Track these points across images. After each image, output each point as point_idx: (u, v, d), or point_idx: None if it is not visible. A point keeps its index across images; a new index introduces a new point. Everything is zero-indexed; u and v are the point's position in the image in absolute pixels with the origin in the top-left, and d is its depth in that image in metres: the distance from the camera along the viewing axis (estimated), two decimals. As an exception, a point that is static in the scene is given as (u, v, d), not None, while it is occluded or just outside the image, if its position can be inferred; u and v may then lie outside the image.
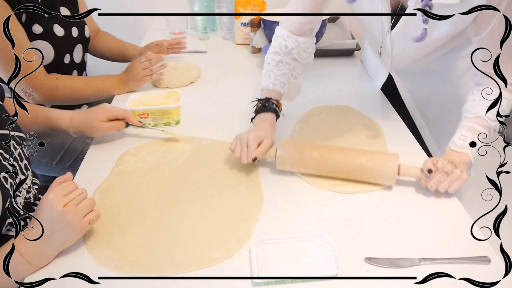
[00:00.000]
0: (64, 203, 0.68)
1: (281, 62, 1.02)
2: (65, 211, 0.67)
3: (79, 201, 0.70)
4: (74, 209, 0.68)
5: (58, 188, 0.70)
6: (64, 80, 1.19)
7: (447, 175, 0.81)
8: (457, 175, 0.81)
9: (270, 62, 1.02)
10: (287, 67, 1.02)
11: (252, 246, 0.72)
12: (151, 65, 1.27)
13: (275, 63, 1.02)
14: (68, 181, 0.72)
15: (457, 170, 0.81)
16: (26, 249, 0.66)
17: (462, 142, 0.86)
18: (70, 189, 0.70)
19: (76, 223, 0.68)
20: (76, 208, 0.69)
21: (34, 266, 0.67)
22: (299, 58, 1.03)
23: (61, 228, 0.68)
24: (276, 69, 1.01)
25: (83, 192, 0.72)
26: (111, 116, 0.99)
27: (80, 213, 0.69)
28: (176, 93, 1.16)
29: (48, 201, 0.68)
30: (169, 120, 1.12)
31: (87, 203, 0.71)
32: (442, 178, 0.81)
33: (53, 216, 0.67)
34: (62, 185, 0.70)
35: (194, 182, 0.90)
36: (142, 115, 1.09)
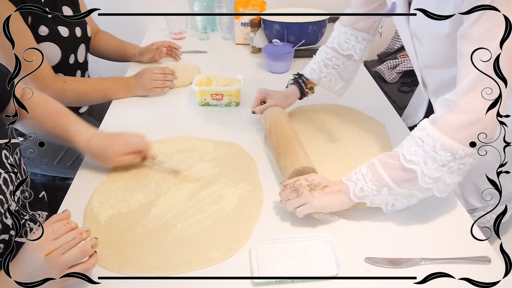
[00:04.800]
0: (48, 251, 0.59)
1: (321, 52, 1.08)
2: (47, 261, 0.59)
3: (67, 248, 0.61)
4: (56, 261, 0.60)
5: (47, 230, 0.61)
6: (71, 83, 1.19)
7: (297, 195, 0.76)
8: (306, 199, 0.74)
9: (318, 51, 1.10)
10: (323, 56, 1.07)
11: (252, 246, 0.72)
12: (164, 79, 1.26)
13: (318, 52, 1.09)
14: (63, 221, 0.63)
15: (307, 194, 0.74)
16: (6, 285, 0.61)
17: (352, 175, 0.76)
18: (61, 232, 0.61)
19: (56, 277, 0.60)
20: (60, 259, 0.60)
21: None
22: (339, 48, 1.04)
23: (39, 277, 0.60)
24: (314, 57, 1.10)
25: (75, 237, 0.62)
26: (130, 150, 0.92)
27: (63, 265, 0.60)
28: (236, 79, 1.25)
29: (33, 245, 0.60)
30: (230, 100, 1.21)
31: (74, 254, 0.61)
32: (291, 195, 0.77)
33: (33, 264, 0.60)
34: (54, 226, 0.62)
35: (194, 182, 0.90)
36: (216, 95, 1.17)
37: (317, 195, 0.75)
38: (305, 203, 0.75)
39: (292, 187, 0.78)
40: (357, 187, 0.74)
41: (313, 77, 1.08)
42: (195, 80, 1.23)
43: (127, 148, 0.91)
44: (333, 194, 0.76)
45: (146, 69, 1.26)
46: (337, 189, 0.76)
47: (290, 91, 1.11)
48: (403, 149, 0.71)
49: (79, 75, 1.32)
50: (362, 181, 0.74)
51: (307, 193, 0.75)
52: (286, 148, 0.90)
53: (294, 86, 1.11)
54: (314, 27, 1.51)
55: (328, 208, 0.76)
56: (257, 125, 1.12)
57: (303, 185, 0.76)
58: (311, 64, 1.09)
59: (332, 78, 1.08)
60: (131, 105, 1.23)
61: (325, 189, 0.76)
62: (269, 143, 0.98)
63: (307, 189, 0.75)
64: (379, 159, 0.74)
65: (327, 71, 1.06)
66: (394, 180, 0.71)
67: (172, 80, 1.29)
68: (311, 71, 1.08)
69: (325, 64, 1.07)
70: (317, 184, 0.76)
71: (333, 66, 1.06)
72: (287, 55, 1.43)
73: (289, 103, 1.10)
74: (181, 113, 1.20)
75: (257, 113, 1.07)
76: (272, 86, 1.35)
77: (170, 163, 0.95)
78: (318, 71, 1.07)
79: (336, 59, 1.05)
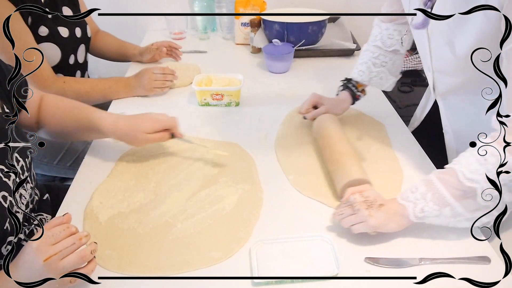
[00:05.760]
0: (47, 256, 0.59)
1: (366, 51, 1.07)
2: (45, 266, 0.59)
3: (66, 254, 0.60)
4: (55, 266, 0.59)
5: (47, 234, 0.61)
6: (72, 83, 1.19)
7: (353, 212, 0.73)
8: (363, 217, 0.71)
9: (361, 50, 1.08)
10: (370, 55, 1.05)
11: (252, 246, 0.72)
12: (164, 79, 1.26)
13: (362, 51, 1.07)
14: (63, 225, 0.63)
15: (365, 211, 0.71)
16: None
17: (408, 195, 0.73)
18: (61, 237, 0.61)
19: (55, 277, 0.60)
20: (58, 265, 0.59)
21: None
22: (383, 46, 1.03)
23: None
24: (360, 58, 1.08)
25: (75, 242, 0.61)
26: (159, 128, 0.91)
27: (61, 271, 0.60)
28: (236, 79, 1.25)
29: (32, 249, 0.60)
30: (230, 100, 1.20)
31: (73, 260, 0.61)
32: (346, 211, 0.74)
33: (32, 268, 0.59)
34: (54, 230, 0.61)
35: (194, 182, 0.90)
36: (216, 95, 1.17)
37: (374, 213, 0.71)
38: (361, 221, 0.72)
39: (347, 202, 0.75)
40: (417, 207, 0.70)
41: (363, 78, 1.07)
42: (195, 80, 1.23)
43: (156, 126, 0.91)
44: (390, 215, 0.72)
45: (146, 69, 1.26)
46: (394, 210, 0.72)
47: (342, 98, 1.09)
48: (461, 166, 0.68)
49: (79, 75, 1.32)
50: (422, 201, 0.70)
51: (364, 210, 0.72)
52: (340, 158, 0.88)
53: (345, 92, 1.09)
54: (314, 27, 1.51)
55: (386, 228, 0.72)
56: (257, 125, 1.12)
57: (358, 201, 0.73)
58: (359, 66, 1.08)
59: (383, 76, 1.07)
60: (131, 105, 1.23)
61: (382, 208, 0.72)
62: (324, 150, 0.95)
63: (364, 206, 0.72)
64: (437, 177, 0.71)
65: (377, 70, 1.05)
66: (456, 199, 0.68)
67: (172, 80, 1.29)
68: (360, 73, 1.07)
69: (373, 63, 1.05)
70: (373, 201, 0.74)
71: (382, 64, 1.05)
72: (287, 55, 1.43)
73: (343, 109, 1.08)
74: (181, 113, 1.19)
75: (309, 118, 1.05)
76: (272, 86, 1.36)
77: (197, 142, 0.97)
78: (368, 71, 1.06)
79: (383, 57, 1.04)
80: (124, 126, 0.90)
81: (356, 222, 0.72)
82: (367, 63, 1.06)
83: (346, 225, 0.74)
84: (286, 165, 0.96)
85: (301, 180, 0.91)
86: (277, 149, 1.02)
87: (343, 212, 0.74)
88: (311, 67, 1.49)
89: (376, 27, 1.05)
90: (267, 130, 1.09)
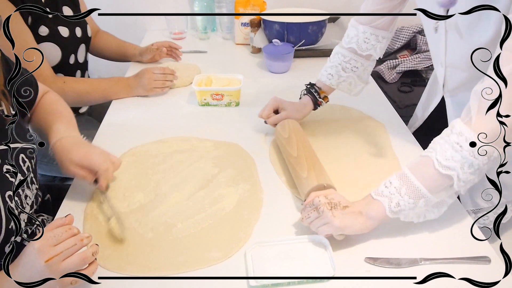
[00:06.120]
0: (49, 257, 0.59)
1: (337, 54, 1.03)
2: (46, 267, 0.59)
3: (67, 255, 0.60)
4: (56, 267, 0.59)
5: (49, 235, 0.61)
6: (72, 83, 1.19)
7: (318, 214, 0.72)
8: (327, 218, 0.70)
9: (332, 53, 1.05)
10: (341, 59, 1.02)
11: (247, 249, 0.72)
12: (164, 79, 1.26)
13: (333, 54, 1.04)
14: (65, 226, 0.63)
15: (328, 212, 0.70)
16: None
17: (382, 189, 0.72)
18: (63, 238, 0.61)
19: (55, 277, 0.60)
20: (60, 266, 0.60)
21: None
22: (358, 49, 0.99)
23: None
24: (329, 61, 1.05)
25: (76, 243, 0.61)
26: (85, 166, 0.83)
27: (62, 272, 0.60)
28: (236, 79, 1.25)
29: (34, 250, 0.60)
30: (230, 100, 1.20)
31: (74, 262, 0.61)
32: (312, 214, 0.73)
33: (33, 269, 0.60)
34: (55, 232, 0.62)
35: (194, 182, 0.90)
36: (216, 95, 1.17)
37: (338, 215, 0.71)
38: (326, 223, 0.71)
39: (312, 205, 0.75)
40: (392, 202, 0.70)
41: (332, 82, 1.04)
42: (195, 80, 1.23)
43: (83, 162, 0.82)
44: (354, 216, 0.71)
45: (146, 69, 1.26)
46: (358, 211, 0.72)
47: (303, 102, 1.06)
48: (437, 154, 0.67)
49: (79, 75, 1.32)
50: (397, 195, 0.70)
51: (327, 211, 0.71)
52: (308, 161, 0.87)
53: (307, 96, 1.07)
54: (314, 27, 1.51)
55: (349, 230, 0.71)
56: (257, 125, 1.12)
57: (322, 202, 0.72)
58: (328, 69, 1.04)
59: (352, 82, 1.04)
60: (131, 105, 1.23)
61: (346, 209, 0.72)
62: (286, 152, 0.93)
63: (327, 207, 0.72)
64: (410, 169, 0.70)
65: (346, 75, 1.02)
66: (431, 190, 0.68)
67: (172, 80, 1.29)
68: (328, 76, 1.04)
69: (343, 67, 1.02)
70: (336, 203, 0.73)
71: (352, 69, 1.02)
72: (287, 55, 1.43)
73: (303, 115, 1.06)
74: (181, 113, 1.20)
75: (270, 124, 1.03)
76: (272, 86, 1.36)
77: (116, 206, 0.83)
78: (337, 75, 1.03)
79: (355, 61, 1.01)
80: (60, 148, 0.84)
81: (321, 224, 0.72)
82: (337, 67, 1.03)
83: (313, 228, 0.73)
84: (279, 166, 0.96)
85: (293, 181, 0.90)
86: (271, 150, 1.02)
87: (309, 216, 0.73)
88: (311, 67, 1.49)
89: (352, 28, 1.00)
90: (267, 130, 1.09)
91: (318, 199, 0.73)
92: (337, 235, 0.72)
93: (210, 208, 0.83)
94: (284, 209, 0.83)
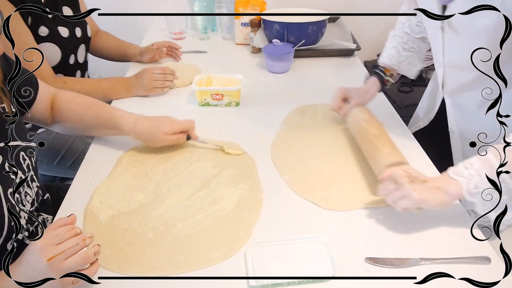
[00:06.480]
0: (51, 256, 0.59)
1: (394, 37, 1.07)
2: (49, 266, 0.59)
3: (69, 254, 0.61)
4: (58, 266, 0.60)
5: (51, 234, 0.61)
6: (72, 84, 1.19)
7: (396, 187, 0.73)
8: (406, 192, 0.71)
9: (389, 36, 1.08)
10: (398, 40, 1.06)
11: (247, 249, 0.72)
12: (164, 79, 1.26)
13: (390, 37, 1.07)
14: (68, 226, 0.63)
15: (407, 185, 0.71)
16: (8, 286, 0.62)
17: (461, 170, 0.71)
18: (65, 238, 0.61)
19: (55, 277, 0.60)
20: (62, 265, 0.60)
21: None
22: (411, 32, 1.03)
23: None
24: (387, 43, 1.08)
25: (79, 243, 0.62)
26: (177, 130, 0.96)
27: (64, 271, 0.60)
28: (236, 79, 1.25)
29: (36, 248, 0.60)
30: (230, 100, 1.20)
31: (77, 261, 0.61)
32: (390, 186, 0.74)
33: (35, 268, 0.60)
34: (58, 231, 0.62)
35: (194, 182, 0.90)
36: (216, 95, 1.17)
37: (418, 188, 0.71)
38: (405, 196, 0.71)
39: (391, 178, 0.75)
40: (471, 183, 0.68)
41: (393, 62, 1.06)
42: (195, 80, 1.23)
43: (175, 128, 0.96)
44: (432, 190, 0.71)
45: (146, 69, 1.26)
46: (438, 185, 0.71)
47: (369, 84, 1.08)
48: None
49: (79, 75, 1.32)
50: (477, 177, 0.68)
51: (407, 184, 0.71)
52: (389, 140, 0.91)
53: (374, 77, 1.08)
54: (314, 27, 1.51)
55: (427, 203, 0.71)
56: (257, 125, 1.12)
57: (402, 175, 0.73)
58: (388, 50, 1.07)
59: (412, 61, 1.06)
60: (131, 105, 1.23)
61: (425, 183, 0.72)
62: (365, 132, 0.95)
63: (407, 180, 0.72)
64: (494, 154, 0.68)
65: (406, 54, 1.05)
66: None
67: (172, 80, 1.29)
68: (389, 56, 1.06)
69: (402, 47, 1.05)
70: (416, 176, 0.73)
71: (410, 49, 1.05)
72: (287, 55, 1.43)
73: (370, 97, 1.08)
74: (181, 113, 1.20)
75: (343, 114, 1.06)
76: (272, 86, 1.36)
77: (212, 142, 1.01)
78: (397, 55, 1.06)
79: (412, 42, 1.04)
80: (144, 126, 0.95)
81: (399, 197, 0.72)
82: (397, 47, 1.06)
83: (390, 201, 0.74)
84: (281, 165, 0.96)
85: (296, 180, 0.91)
86: (273, 149, 1.02)
87: (386, 188, 0.74)
88: (311, 67, 1.49)
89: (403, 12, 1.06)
90: (267, 130, 1.09)
91: (398, 172, 0.74)
92: (414, 208, 0.72)
93: (210, 208, 0.83)
94: (284, 209, 0.83)
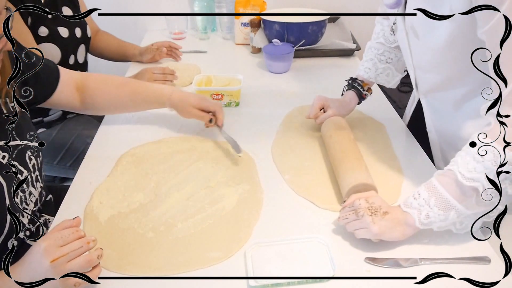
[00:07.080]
0: (55, 258, 0.60)
1: (370, 48, 1.07)
2: (52, 267, 0.59)
3: (73, 256, 0.61)
4: (61, 268, 0.60)
5: (56, 236, 0.62)
6: None
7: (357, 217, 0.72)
8: (366, 223, 0.70)
9: (366, 47, 1.08)
10: (374, 52, 1.06)
11: (247, 249, 0.72)
12: (164, 79, 1.27)
13: (367, 49, 1.07)
14: (72, 228, 0.64)
15: (368, 218, 0.70)
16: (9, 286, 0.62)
17: (411, 201, 0.71)
18: (69, 240, 0.62)
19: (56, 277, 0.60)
20: (65, 267, 0.60)
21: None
22: (386, 42, 1.03)
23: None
24: (364, 56, 1.08)
25: (82, 246, 0.62)
26: (205, 107, 1.01)
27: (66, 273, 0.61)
28: (236, 79, 1.25)
29: (40, 249, 0.60)
30: (230, 100, 1.21)
31: (80, 263, 0.61)
32: (350, 216, 0.73)
33: (38, 269, 0.60)
34: (63, 233, 0.62)
35: (194, 182, 0.90)
36: (216, 95, 1.18)
37: (378, 221, 0.70)
38: (364, 227, 0.71)
39: (351, 207, 0.74)
40: (422, 214, 0.69)
41: (370, 75, 1.06)
42: (195, 80, 1.23)
43: (203, 105, 1.01)
44: (393, 223, 0.71)
45: (146, 69, 1.26)
46: (398, 218, 0.71)
47: (348, 97, 1.08)
48: (459, 166, 0.67)
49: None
50: (426, 207, 0.69)
51: (367, 217, 0.71)
52: (351, 160, 0.88)
53: (351, 91, 1.08)
54: (314, 27, 1.51)
55: (389, 236, 0.71)
56: (257, 125, 1.12)
57: (363, 206, 0.72)
58: (364, 63, 1.07)
59: (390, 72, 1.06)
60: (131, 105, 1.23)
61: (386, 216, 0.71)
62: (331, 153, 0.95)
63: (367, 212, 0.71)
64: (438, 180, 0.69)
65: (383, 66, 1.05)
66: (460, 201, 0.67)
67: (172, 80, 1.29)
68: (366, 70, 1.06)
69: (379, 59, 1.05)
70: (377, 208, 0.72)
71: (387, 60, 1.05)
72: (287, 55, 1.43)
73: (349, 110, 1.08)
74: (181, 113, 1.20)
75: (318, 123, 1.05)
76: (272, 86, 1.36)
77: (232, 143, 0.99)
78: (374, 68, 1.06)
79: (388, 53, 1.04)
80: (178, 97, 1.02)
81: (359, 228, 0.72)
82: (373, 59, 1.06)
83: (350, 229, 0.73)
84: (282, 164, 0.96)
85: (296, 180, 0.91)
86: (273, 148, 1.02)
87: (347, 217, 0.74)
88: (311, 67, 1.49)
89: (378, 24, 1.06)
90: (267, 130, 1.09)
91: (358, 202, 0.73)
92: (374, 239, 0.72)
93: (210, 208, 0.83)
94: (284, 209, 0.83)
